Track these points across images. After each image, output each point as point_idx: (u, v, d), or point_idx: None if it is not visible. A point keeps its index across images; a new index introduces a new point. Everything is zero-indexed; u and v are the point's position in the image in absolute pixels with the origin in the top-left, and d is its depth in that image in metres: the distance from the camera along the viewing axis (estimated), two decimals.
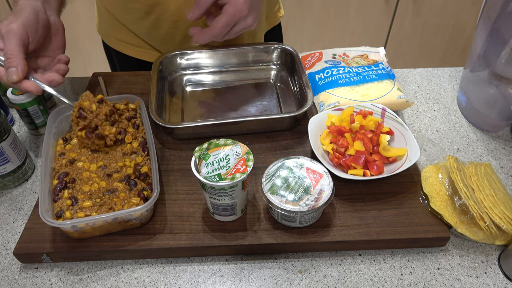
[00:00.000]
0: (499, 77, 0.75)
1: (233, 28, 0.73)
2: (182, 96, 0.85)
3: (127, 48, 0.94)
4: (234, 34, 0.75)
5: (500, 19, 0.71)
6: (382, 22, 1.88)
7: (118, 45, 0.94)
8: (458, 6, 1.82)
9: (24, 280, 0.60)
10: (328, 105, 0.79)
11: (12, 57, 0.62)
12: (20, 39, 0.63)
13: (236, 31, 0.74)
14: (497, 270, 0.61)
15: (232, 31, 0.74)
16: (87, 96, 0.68)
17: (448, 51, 2.01)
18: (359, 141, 0.68)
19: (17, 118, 0.85)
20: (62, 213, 0.59)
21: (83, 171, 0.65)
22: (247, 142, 0.75)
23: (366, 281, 0.59)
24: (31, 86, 0.65)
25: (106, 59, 1.06)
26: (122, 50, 0.94)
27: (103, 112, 0.67)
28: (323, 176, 0.61)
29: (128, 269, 0.61)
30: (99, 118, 0.67)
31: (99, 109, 0.67)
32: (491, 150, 0.78)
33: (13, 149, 0.68)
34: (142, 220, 0.61)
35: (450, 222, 0.61)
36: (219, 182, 0.55)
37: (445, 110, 0.87)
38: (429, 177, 0.67)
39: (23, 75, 0.63)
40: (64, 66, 0.71)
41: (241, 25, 0.74)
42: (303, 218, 0.60)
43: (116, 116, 0.70)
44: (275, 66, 0.91)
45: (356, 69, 0.84)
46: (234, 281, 0.59)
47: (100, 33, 0.98)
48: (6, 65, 0.62)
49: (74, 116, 0.67)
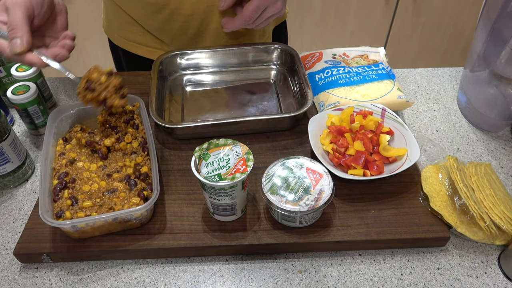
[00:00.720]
0: (499, 77, 0.75)
1: (263, 13, 0.77)
2: (182, 96, 0.85)
3: (136, 48, 0.94)
4: (264, 19, 0.78)
5: (500, 19, 0.71)
6: (382, 22, 1.88)
7: (127, 45, 0.94)
8: (458, 6, 1.82)
9: (24, 280, 0.60)
10: (328, 105, 0.79)
11: (16, 28, 0.60)
12: (26, 12, 0.62)
13: (265, 16, 0.77)
14: (497, 270, 0.61)
15: (263, 16, 0.77)
16: (95, 68, 0.64)
17: (448, 51, 2.01)
18: (359, 141, 0.68)
19: (17, 118, 0.85)
20: (62, 213, 0.59)
21: (83, 171, 0.65)
22: (247, 142, 0.75)
23: (366, 281, 0.59)
24: (35, 58, 0.63)
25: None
26: (131, 49, 0.95)
27: (113, 84, 0.64)
28: (323, 176, 0.61)
29: (128, 269, 0.61)
30: (108, 91, 0.64)
31: (108, 81, 0.64)
32: (491, 150, 0.78)
33: (13, 149, 0.68)
34: (142, 220, 0.61)
35: (450, 222, 0.61)
36: (219, 182, 0.55)
37: (445, 110, 0.87)
38: (429, 177, 0.67)
39: (27, 46, 0.61)
40: (70, 41, 0.69)
41: (271, 10, 0.77)
42: (303, 218, 0.60)
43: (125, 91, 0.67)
44: (275, 66, 0.91)
45: (356, 69, 0.84)
46: (234, 281, 0.59)
47: (107, 33, 0.98)
48: (10, 35, 0.60)
49: (82, 88, 0.64)
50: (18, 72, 0.79)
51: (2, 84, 0.83)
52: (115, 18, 0.92)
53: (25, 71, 0.80)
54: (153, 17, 0.86)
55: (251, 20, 0.77)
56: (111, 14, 0.92)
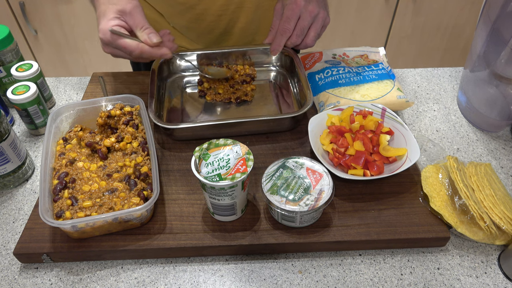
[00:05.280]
0: (499, 77, 0.75)
1: (300, 23, 0.77)
2: (181, 97, 0.85)
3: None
4: (305, 30, 0.78)
5: (500, 19, 0.71)
6: (382, 22, 1.88)
7: None
8: (458, 6, 1.82)
9: (24, 280, 0.60)
10: (328, 105, 0.79)
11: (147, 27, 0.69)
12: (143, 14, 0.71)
13: (303, 25, 0.77)
14: (497, 270, 0.61)
15: (301, 27, 0.77)
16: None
17: (448, 51, 2.01)
18: (359, 141, 0.68)
19: (17, 118, 0.85)
20: (62, 213, 0.59)
21: (83, 171, 0.65)
22: (247, 142, 0.75)
23: (366, 281, 0.59)
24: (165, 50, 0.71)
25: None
26: None
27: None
28: (323, 176, 0.61)
29: (128, 269, 0.61)
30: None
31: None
32: (491, 150, 0.78)
33: (13, 149, 0.68)
34: (142, 220, 0.61)
35: (450, 222, 0.61)
36: (219, 182, 0.55)
37: (445, 110, 0.87)
38: (429, 177, 0.67)
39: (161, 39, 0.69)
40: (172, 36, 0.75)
41: (306, 18, 0.77)
42: (303, 218, 0.60)
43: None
44: (274, 67, 0.91)
45: (356, 69, 0.84)
46: (234, 281, 0.59)
47: None
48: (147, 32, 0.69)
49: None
50: (18, 72, 0.79)
51: (2, 84, 0.83)
52: None
53: (25, 71, 0.80)
54: (181, 16, 0.87)
55: (286, 32, 0.78)
56: None
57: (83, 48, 1.89)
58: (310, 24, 0.78)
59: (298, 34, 0.78)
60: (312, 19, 0.77)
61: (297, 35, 0.78)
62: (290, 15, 0.77)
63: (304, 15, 0.77)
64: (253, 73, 0.88)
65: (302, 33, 0.78)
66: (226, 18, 0.86)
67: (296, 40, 0.79)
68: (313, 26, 0.78)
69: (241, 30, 0.89)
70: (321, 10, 0.77)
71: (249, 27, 0.90)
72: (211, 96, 0.84)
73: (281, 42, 0.80)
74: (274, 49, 0.82)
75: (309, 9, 0.76)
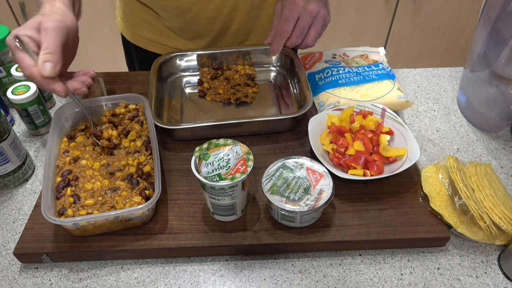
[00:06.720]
0: (499, 77, 0.75)
1: (299, 23, 0.77)
2: (181, 98, 0.85)
3: (151, 46, 0.95)
4: (305, 30, 0.78)
5: (500, 19, 0.71)
6: (382, 22, 1.88)
7: (142, 43, 0.95)
8: (458, 6, 1.82)
9: (24, 280, 0.60)
10: (328, 105, 0.79)
11: (52, 52, 0.59)
12: (63, 38, 0.61)
13: (302, 26, 0.77)
14: (497, 270, 0.61)
15: (301, 27, 0.77)
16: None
17: (448, 51, 2.01)
18: (359, 141, 0.68)
19: (17, 118, 0.85)
20: (64, 210, 0.59)
21: (86, 169, 0.65)
22: (247, 142, 0.75)
23: (366, 281, 0.59)
24: (61, 87, 0.61)
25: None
26: (146, 47, 0.95)
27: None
28: (323, 176, 0.61)
29: (128, 269, 0.61)
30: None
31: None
32: (491, 150, 0.78)
33: (13, 149, 0.68)
34: (143, 219, 0.61)
35: (450, 222, 0.61)
36: (219, 182, 0.55)
37: (445, 110, 0.87)
38: (429, 177, 0.67)
39: (57, 73, 0.59)
40: (90, 80, 0.68)
41: (306, 18, 0.76)
42: (303, 218, 0.60)
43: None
44: (274, 68, 0.91)
45: (356, 69, 0.84)
46: (234, 281, 0.59)
47: (121, 29, 0.99)
48: (44, 58, 0.58)
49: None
50: (18, 72, 0.79)
51: (2, 84, 0.83)
52: (132, 17, 0.93)
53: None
54: (175, 18, 0.87)
55: (285, 33, 0.78)
56: (128, 12, 0.93)
57: (83, 48, 1.89)
58: (310, 24, 0.77)
59: (298, 34, 0.78)
60: (312, 19, 0.77)
61: (297, 36, 0.78)
62: (289, 16, 0.77)
63: (304, 16, 0.76)
64: (253, 73, 0.88)
65: (301, 33, 0.78)
66: (220, 20, 0.86)
67: (296, 41, 0.79)
68: (313, 26, 0.78)
69: (236, 31, 0.89)
70: (321, 9, 0.77)
71: (244, 27, 0.90)
72: (211, 96, 0.84)
73: (280, 42, 0.80)
74: (274, 50, 0.82)
75: (308, 9, 0.76)
